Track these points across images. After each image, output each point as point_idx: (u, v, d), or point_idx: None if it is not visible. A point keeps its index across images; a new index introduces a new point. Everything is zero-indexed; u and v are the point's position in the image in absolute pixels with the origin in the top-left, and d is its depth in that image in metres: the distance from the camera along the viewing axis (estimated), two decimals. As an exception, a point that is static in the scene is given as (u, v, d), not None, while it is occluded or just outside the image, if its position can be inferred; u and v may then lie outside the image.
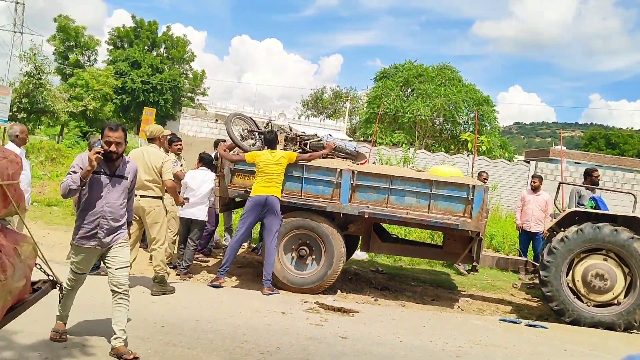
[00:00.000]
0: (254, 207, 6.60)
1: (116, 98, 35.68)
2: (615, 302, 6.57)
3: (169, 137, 7.27)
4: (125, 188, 4.19)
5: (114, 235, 4.13)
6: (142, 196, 5.81)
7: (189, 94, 43.54)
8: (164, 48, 42.72)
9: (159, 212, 5.94)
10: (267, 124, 7.69)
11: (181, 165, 7.58)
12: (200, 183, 7.18)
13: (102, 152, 3.93)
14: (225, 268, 6.67)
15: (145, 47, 40.79)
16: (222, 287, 6.52)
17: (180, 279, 6.87)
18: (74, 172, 3.98)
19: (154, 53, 41.62)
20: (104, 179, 4.08)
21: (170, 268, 7.07)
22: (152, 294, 5.81)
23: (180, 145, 7.59)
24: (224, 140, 8.30)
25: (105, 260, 4.17)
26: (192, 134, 19.51)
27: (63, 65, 36.76)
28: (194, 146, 8.86)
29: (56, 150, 16.77)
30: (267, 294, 6.41)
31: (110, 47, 40.85)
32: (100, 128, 5.51)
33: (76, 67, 35.65)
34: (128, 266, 4.24)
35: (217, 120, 20.70)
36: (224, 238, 9.29)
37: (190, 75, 43.85)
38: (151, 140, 6.26)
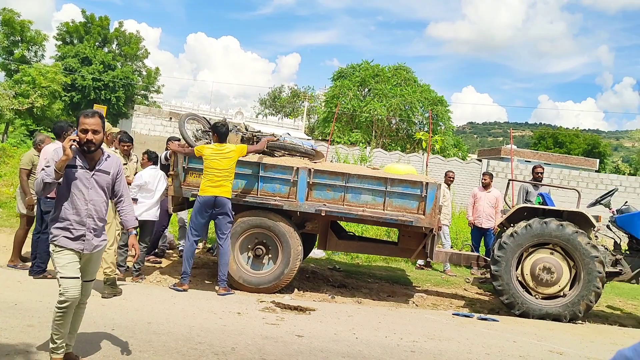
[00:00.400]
0: (203, 208, 6.41)
1: (65, 95, 34.55)
2: (562, 294, 6.82)
3: (119, 135, 7.08)
4: (107, 184, 3.81)
5: (100, 238, 3.81)
6: None
7: (142, 91, 42.61)
8: (116, 44, 41.67)
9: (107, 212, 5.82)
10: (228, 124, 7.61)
11: (125, 164, 7.34)
12: (157, 183, 7.05)
13: (78, 140, 3.57)
14: (187, 274, 6.49)
15: (96, 43, 39.66)
16: (186, 291, 6.37)
17: (132, 281, 6.70)
18: (48, 166, 3.58)
19: (106, 49, 40.52)
20: (83, 173, 3.68)
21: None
22: (103, 297, 5.64)
23: (128, 146, 7.28)
24: (178, 139, 8.14)
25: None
26: (145, 132, 19.11)
27: (8, 61, 35.33)
28: (147, 145, 8.66)
29: (0, 150, 16.12)
30: (222, 294, 6.33)
31: (59, 43, 39.52)
32: (48, 127, 5.33)
33: (22, 62, 34.32)
34: (95, 279, 3.94)
35: (171, 118, 20.33)
36: (178, 238, 9.14)
37: (144, 73, 42.91)
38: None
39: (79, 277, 3.66)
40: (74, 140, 3.56)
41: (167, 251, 8.70)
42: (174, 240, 9.24)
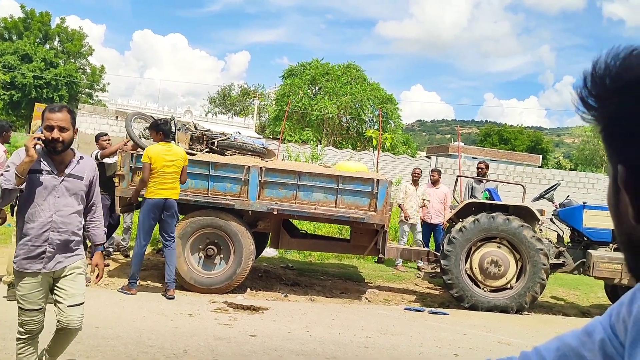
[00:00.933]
0: (152, 210, 6.21)
1: (4, 94, 33.08)
2: (509, 286, 7.04)
3: None
4: (80, 191, 3.24)
5: (67, 255, 3.21)
6: None
7: (86, 90, 41.27)
8: (58, 41, 40.23)
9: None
10: (171, 121, 7.43)
11: None
12: None
13: (43, 138, 3.03)
14: (136, 277, 6.30)
15: (37, 40, 38.16)
16: (134, 295, 6.19)
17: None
18: (8, 171, 3.06)
19: (47, 46, 39.03)
20: (49, 179, 3.12)
21: None
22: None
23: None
24: (106, 134, 7.89)
25: (55, 292, 3.24)
26: (90, 131, 18.50)
27: (-59, 58, 33.53)
28: (92, 145, 8.37)
29: None
30: (170, 297, 6.17)
31: (-3, 39, 37.77)
32: None
33: (-44, 59, 32.63)
34: (83, 303, 3.32)
35: (117, 117, 19.77)
36: (122, 238, 8.88)
37: (88, 71, 41.61)
38: None
39: (40, 309, 3.18)
40: (39, 139, 3.02)
41: (112, 253, 8.45)
42: (120, 241, 8.98)
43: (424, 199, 9.67)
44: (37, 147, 3.05)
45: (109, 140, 7.72)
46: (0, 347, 4.03)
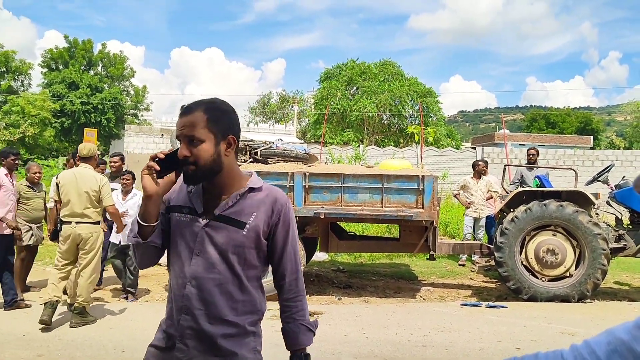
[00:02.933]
0: None
1: (56, 122, 34.49)
2: (568, 274, 6.81)
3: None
4: (242, 246, 1.82)
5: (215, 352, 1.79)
6: (78, 223, 5.44)
7: (131, 110, 42.55)
8: (102, 66, 41.61)
9: (96, 238, 5.58)
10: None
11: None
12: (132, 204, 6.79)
13: (161, 157, 1.75)
14: None
15: (82, 67, 39.60)
16: None
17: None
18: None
19: (92, 72, 40.46)
20: (189, 222, 1.83)
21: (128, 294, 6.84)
22: (71, 326, 5.36)
23: (105, 166, 7.20)
24: (120, 154, 7.93)
25: None
26: (138, 151, 19.08)
27: (-5, 93, 35.31)
28: (141, 163, 8.65)
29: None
30: None
31: (45, 70, 39.46)
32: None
33: (9, 93, 34.26)
34: None
35: (162, 135, 20.31)
36: None
37: (132, 92, 42.86)
38: (86, 159, 5.66)
39: None
40: (157, 159, 1.75)
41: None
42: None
43: (491, 190, 9.31)
44: (154, 172, 1.74)
45: (115, 163, 7.57)
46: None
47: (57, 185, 5.62)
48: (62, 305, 5.74)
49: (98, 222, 5.64)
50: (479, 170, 9.39)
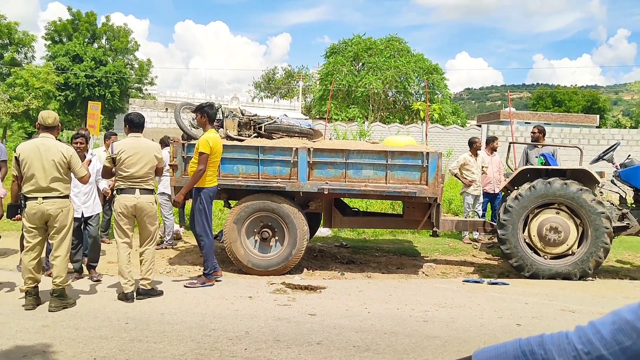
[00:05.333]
0: (213, 198, 6.31)
1: (60, 95, 34.46)
2: (570, 252, 6.82)
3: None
4: None
5: None
6: (45, 198, 5.00)
7: (136, 84, 42.43)
8: (106, 39, 41.39)
9: (67, 213, 5.15)
10: (218, 109, 7.52)
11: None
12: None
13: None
14: (216, 267, 6.26)
15: (86, 40, 39.40)
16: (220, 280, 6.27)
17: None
18: None
19: (96, 45, 40.27)
20: None
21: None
22: (50, 310, 4.97)
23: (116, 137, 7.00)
24: (114, 134, 8.13)
25: None
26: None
27: (-1, 65, 35.20)
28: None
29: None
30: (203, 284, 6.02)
31: (49, 43, 39.27)
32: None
33: (13, 65, 34.14)
34: None
35: (167, 109, 20.27)
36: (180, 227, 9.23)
37: (136, 66, 42.72)
38: (50, 129, 5.18)
39: None
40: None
41: (174, 242, 8.73)
42: (180, 231, 9.27)
43: (483, 167, 9.33)
44: None
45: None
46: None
47: (17, 159, 5.06)
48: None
49: (67, 196, 5.22)
50: (476, 148, 9.35)
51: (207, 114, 6.18)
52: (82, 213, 6.35)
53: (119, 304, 5.30)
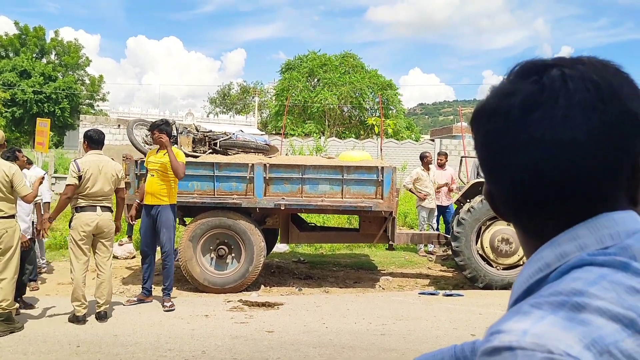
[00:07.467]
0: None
1: (6, 111, 33.25)
2: (522, 262, 7.02)
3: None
4: None
5: None
6: None
7: (87, 100, 41.40)
8: (55, 54, 40.32)
9: (12, 233, 4.94)
10: (172, 125, 7.41)
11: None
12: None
13: None
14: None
15: (34, 55, 38.26)
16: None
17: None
18: None
19: (44, 60, 39.14)
20: None
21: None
22: None
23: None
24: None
25: None
26: (94, 142, 18.59)
27: (-60, 81, 33.72)
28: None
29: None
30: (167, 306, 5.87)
31: (-6, 57, 37.92)
32: None
33: (-44, 81, 32.79)
34: None
35: (119, 125, 19.86)
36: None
37: (87, 81, 41.73)
38: None
39: None
40: None
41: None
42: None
43: (438, 183, 9.49)
44: None
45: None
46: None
47: None
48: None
49: (13, 216, 5.01)
50: (427, 162, 9.57)
51: (165, 131, 5.97)
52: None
53: (70, 326, 5.12)
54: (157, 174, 5.90)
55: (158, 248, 6.22)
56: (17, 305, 5.16)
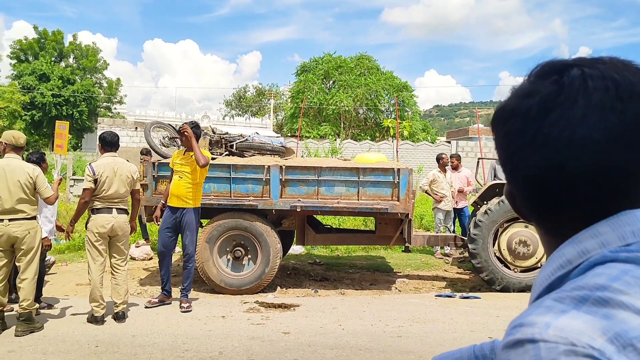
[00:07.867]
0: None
1: (25, 114, 33.74)
2: (539, 265, 6.96)
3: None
4: None
5: None
6: (11, 220, 4.87)
7: (105, 103, 41.83)
8: (73, 58, 40.78)
9: (34, 235, 5.02)
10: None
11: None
12: None
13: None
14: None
15: (53, 59, 38.74)
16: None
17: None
18: None
19: (63, 64, 39.62)
20: None
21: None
22: (16, 335, 4.81)
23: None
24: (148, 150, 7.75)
25: None
26: (112, 144, 18.79)
27: (-38, 85, 34.34)
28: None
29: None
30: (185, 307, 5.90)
31: (14, 62, 38.47)
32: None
33: (-23, 85, 33.36)
34: None
35: (136, 128, 20.05)
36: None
37: (105, 85, 42.13)
38: (18, 149, 5.12)
39: None
40: None
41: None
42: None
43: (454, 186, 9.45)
44: None
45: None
46: (42, 361, 4.14)
47: None
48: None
49: (34, 217, 5.09)
50: (443, 164, 9.52)
51: (195, 134, 6.00)
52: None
53: (88, 326, 5.18)
54: (185, 175, 5.95)
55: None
56: (37, 305, 5.21)
